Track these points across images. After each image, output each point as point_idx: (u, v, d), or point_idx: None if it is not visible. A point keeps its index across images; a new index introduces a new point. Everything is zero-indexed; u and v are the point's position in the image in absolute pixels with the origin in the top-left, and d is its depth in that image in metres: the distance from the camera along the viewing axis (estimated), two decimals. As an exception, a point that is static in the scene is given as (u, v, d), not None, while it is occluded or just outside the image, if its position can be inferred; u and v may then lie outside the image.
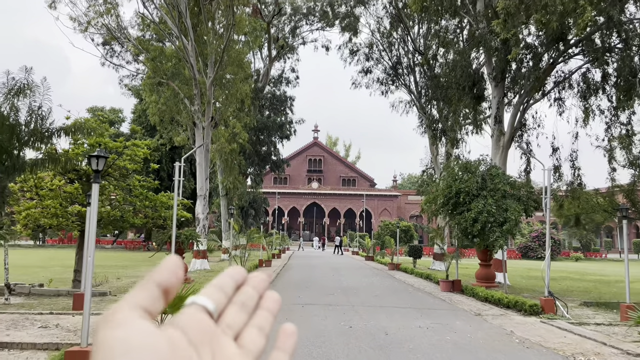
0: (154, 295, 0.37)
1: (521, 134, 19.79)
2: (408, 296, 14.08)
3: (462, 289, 15.68)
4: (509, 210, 14.07)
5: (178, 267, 0.39)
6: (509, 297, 12.45)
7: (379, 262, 30.67)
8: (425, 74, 25.63)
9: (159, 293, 0.37)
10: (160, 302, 0.37)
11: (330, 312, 10.39)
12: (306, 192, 72.07)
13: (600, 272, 30.02)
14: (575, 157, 19.34)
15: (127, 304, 0.35)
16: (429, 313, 10.82)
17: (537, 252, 45.34)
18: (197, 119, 22.73)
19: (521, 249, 46.96)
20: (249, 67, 27.94)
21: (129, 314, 0.34)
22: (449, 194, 14.96)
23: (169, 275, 0.38)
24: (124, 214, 14.49)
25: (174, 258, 0.40)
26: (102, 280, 17.51)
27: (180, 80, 23.23)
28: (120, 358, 0.31)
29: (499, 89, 19.47)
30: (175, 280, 0.38)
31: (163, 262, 0.39)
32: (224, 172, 28.82)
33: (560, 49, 18.46)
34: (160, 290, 0.37)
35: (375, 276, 21.06)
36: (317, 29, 34.99)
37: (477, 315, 11.10)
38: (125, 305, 0.35)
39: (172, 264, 0.39)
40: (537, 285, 19.79)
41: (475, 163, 16.29)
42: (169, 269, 0.39)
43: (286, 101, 34.17)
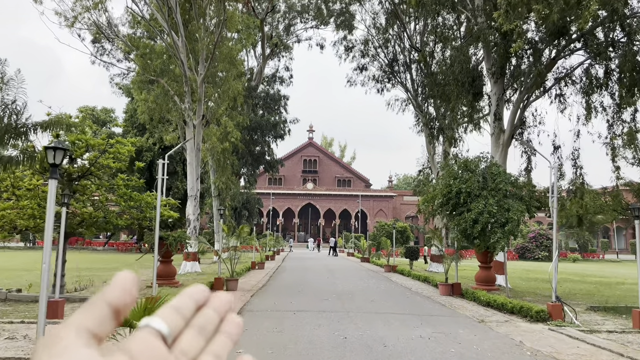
0: (103, 316, 0.34)
1: (521, 131, 19.18)
2: (406, 301, 13.41)
3: (462, 292, 15.05)
4: (511, 210, 13.44)
5: (131, 284, 0.37)
6: (513, 302, 11.81)
7: (375, 264, 30.01)
8: (422, 71, 25.01)
9: (109, 313, 0.35)
10: (110, 323, 0.35)
11: (324, 319, 9.71)
12: (301, 193, 71.35)
13: (600, 274, 29.49)
14: (577, 156, 18.75)
15: (73, 328, 0.33)
16: (430, 320, 10.15)
17: (535, 253, 44.81)
18: (187, 117, 22.00)
19: (518, 249, 46.42)
20: (241, 64, 27.24)
21: (74, 341, 0.32)
22: (448, 194, 14.32)
23: (122, 293, 0.36)
24: (107, 214, 13.75)
25: (127, 274, 0.37)
26: (86, 284, 16.75)
27: (170, 78, 22.50)
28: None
29: (498, 85, 18.87)
30: (128, 298, 0.36)
31: (115, 278, 0.36)
32: (217, 172, 28.10)
33: (562, 44, 17.88)
34: (110, 311, 0.35)
35: (371, 279, 20.39)
36: (311, 27, 34.40)
37: (481, 322, 10.45)
38: (70, 330, 0.32)
39: (124, 281, 0.36)
40: (538, 288, 19.19)
41: (475, 160, 15.66)
42: (122, 286, 0.36)
43: (280, 100, 33.48)
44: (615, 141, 17.75)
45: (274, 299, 12.43)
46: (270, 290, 14.65)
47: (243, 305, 11.62)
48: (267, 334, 8.10)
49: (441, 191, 14.63)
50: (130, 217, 14.61)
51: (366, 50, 26.54)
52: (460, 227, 13.60)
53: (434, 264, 25.04)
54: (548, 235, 45.76)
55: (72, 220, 13.64)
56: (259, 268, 24.20)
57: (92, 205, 13.98)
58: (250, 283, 16.98)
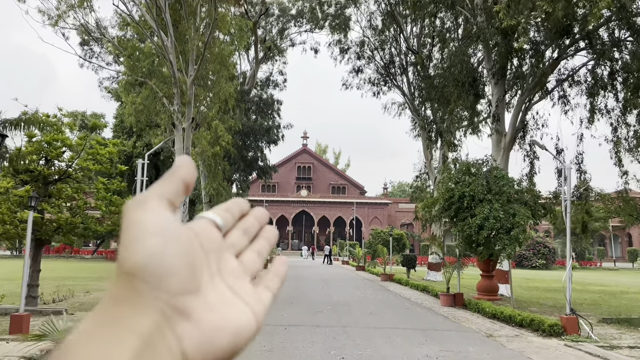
0: (178, 189, 0.38)
1: (524, 134, 18.45)
2: (407, 313, 12.51)
3: (464, 303, 14.19)
4: (518, 215, 12.62)
5: (192, 164, 0.40)
6: (522, 314, 10.95)
7: (371, 273, 29.10)
8: (419, 74, 24.28)
9: (182, 187, 0.38)
10: (182, 195, 0.39)
11: (318, 335, 8.81)
12: (295, 200, 70.35)
13: (600, 282, 28.76)
14: (581, 160, 18.04)
15: (156, 194, 0.36)
16: (435, 336, 9.27)
17: (532, 261, 44.07)
18: (176, 119, 21.11)
19: (515, 257, 45.63)
20: (233, 66, 26.43)
21: (158, 203, 0.36)
22: (450, 198, 13.49)
23: (189, 171, 0.39)
24: (86, 220, 12.81)
25: (186, 158, 0.40)
26: (66, 295, 15.75)
27: (159, 79, 21.63)
28: (151, 237, 0.33)
29: (499, 86, 18.16)
30: (193, 176, 0.40)
31: (179, 160, 0.40)
32: (207, 178, 27.16)
33: (565, 44, 17.21)
34: (183, 185, 0.39)
35: (368, 288, 19.48)
36: (305, 30, 33.68)
37: (489, 336, 9.59)
38: (153, 195, 0.36)
39: (188, 162, 0.40)
40: (541, 297, 18.40)
41: (477, 163, 14.87)
42: (188, 166, 0.40)
43: (273, 104, 32.62)
44: (619, 145, 17.08)
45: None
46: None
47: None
48: (254, 354, 7.19)
49: (443, 195, 13.80)
50: (112, 223, 13.67)
51: (362, 52, 25.80)
52: (464, 234, 12.74)
53: (432, 272, 24.19)
54: (545, 242, 45.07)
55: (48, 227, 12.69)
56: (250, 277, 23.19)
57: (70, 210, 13.05)
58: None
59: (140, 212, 0.34)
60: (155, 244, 0.33)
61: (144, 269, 0.33)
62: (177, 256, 0.34)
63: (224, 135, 22.82)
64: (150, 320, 0.32)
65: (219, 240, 0.40)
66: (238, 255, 0.43)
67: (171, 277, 0.33)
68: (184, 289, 0.34)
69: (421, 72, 23.71)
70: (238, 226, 0.44)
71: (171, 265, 0.33)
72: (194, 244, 0.37)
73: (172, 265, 0.33)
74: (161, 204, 0.36)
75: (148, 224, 0.34)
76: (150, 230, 0.34)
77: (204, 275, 0.37)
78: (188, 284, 0.34)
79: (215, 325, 0.35)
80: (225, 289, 0.39)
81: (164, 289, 0.33)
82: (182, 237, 0.35)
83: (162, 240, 0.34)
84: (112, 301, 0.33)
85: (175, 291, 0.33)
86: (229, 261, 0.41)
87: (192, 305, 0.34)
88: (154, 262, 0.33)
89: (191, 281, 0.35)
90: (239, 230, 0.44)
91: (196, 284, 0.35)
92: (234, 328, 0.36)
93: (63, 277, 23.69)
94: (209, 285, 0.37)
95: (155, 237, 0.33)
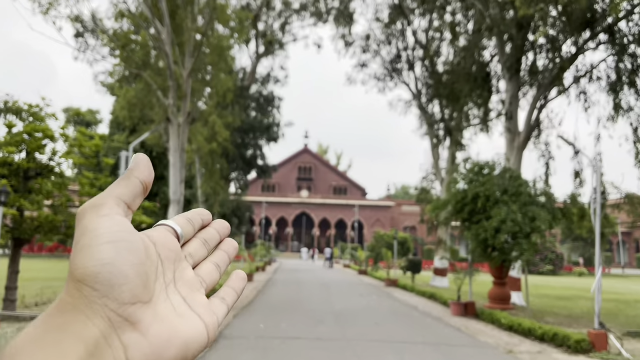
0: (136, 191, 0.37)
1: (538, 133, 17.42)
2: (415, 324, 11.46)
3: (476, 312, 13.15)
4: (538, 218, 11.58)
5: (149, 162, 0.39)
6: (543, 327, 9.90)
7: (374, 277, 28.03)
8: (427, 70, 23.24)
9: (140, 189, 0.38)
10: (140, 198, 0.38)
11: (319, 351, 7.77)
12: (295, 202, 69.29)
13: (612, 290, 27.69)
14: (599, 160, 17.00)
15: (112, 198, 0.36)
16: (450, 352, 8.23)
17: (538, 267, 42.97)
18: (171, 114, 20.11)
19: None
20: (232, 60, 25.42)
21: (115, 209, 0.35)
22: (463, 199, 12.45)
23: (147, 171, 0.39)
24: (68, 218, 11.79)
25: (143, 155, 0.39)
26: (50, 297, 14.73)
27: (154, 71, 20.63)
28: (105, 245, 0.33)
29: (512, 82, 17.15)
30: (150, 176, 0.39)
31: (135, 158, 0.39)
32: (204, 176, 26.14)
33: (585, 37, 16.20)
34: (141, 187, 0.38)
35: (372, 295, 18.43)
36: (308, 24, 32.65)
37: (509, 352, 8.56)
38: (110, 199, 0.36)
39: (145, 161, 0.39)
40: (555, 306, 17.36)
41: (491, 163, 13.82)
42: (146, 165, 0.39)
43: (274, 100, 31.60)
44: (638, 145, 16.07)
45: (260, 321, 10.48)
46: (256, 309, 12.66)
47: (221, 329, 9.67)
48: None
49: (454, 196, 12.75)
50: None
51: (367, 45, 24.74)
52: (479, 238, 11.68)
53: (437, 278, 23.15)
54: (552, 248, 44.00)
55: (28, 225, 11.69)
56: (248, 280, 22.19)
57: (52, 207, 12.04)
58: (235, 299, 14.98)
59: (94, 218, 0.34)
60: (107, 253, 0.33)
61: (94, 276, 0.32)
62: (129, 265, 0.33)
63: (221, 131, 21.82)
64: (96, 328, 0.31)
65: (176, 249, 0.40)
66: (195, 266, 0.42)
67: (122, 286, 0.33)
68: (134, 299, 0.33)
69: (429, 67, 22.69)
70: (198, 236, 0.44)
71: (122, 274, 0.33)
72: (149, 251, 0.36)
73: (123, 274, 0.33)
74: (117, 208, 0.35)
75: (101, 230, 0.33)
76: (103, 238, 0.33)
77: (158, 285, 0.36)
78: (139, 294, 0.34)
79: (164, 336, 0.34)
80: (179, 300, 0.38)
81: (113, 298, 0.32)
82: (136, 245, 0.35)
83: (115, 248, 0.33)
84: (59, 309, 0.32)
85: (124, 300, 0.33)
86: (185, 271, 0.40)
87: (142, 315, 0.34)
88: (105, 271, 0.32)
89: (142, 291, 0.34)
90: (198, 241, 0.43)
91: (147, 294, 0.35)
92: (184, 340, 0.35)
93: (53, 277, 22.69)
94: (161, 295, 0.36)
95: (108, 245, 0.33)
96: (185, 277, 0.40)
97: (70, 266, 0.33)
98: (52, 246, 45.62)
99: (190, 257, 0.42)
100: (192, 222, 0.43)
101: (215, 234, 0.45)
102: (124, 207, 0.36)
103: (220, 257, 0.44)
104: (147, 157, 0.39)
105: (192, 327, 0.36)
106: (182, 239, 0.41)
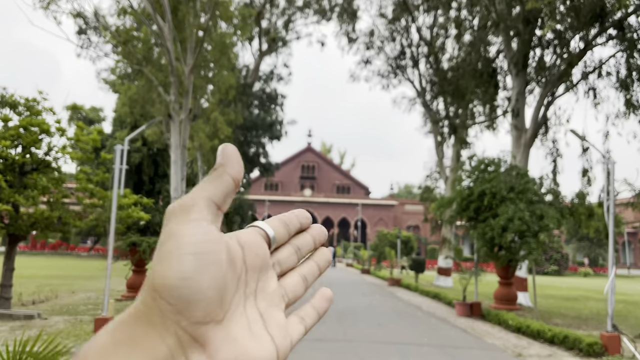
0: (227, 190, 0.34)
1: (545, 130, 17.07)
2: (419, 325, 11.15)
3: (482, 313, 12.82)
4: (546, 217, 11.24)
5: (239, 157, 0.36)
6: (553, 329, 9.57)
7: (377, 276, 27.72)
8: (431, 67, 22.90)
9: (232, 187, 0.35)
10: (231, 197, 0.35)
11: (320, 352, 7.47)
12: (298, 201, 69.02)
13: (619, 291, 27.24)
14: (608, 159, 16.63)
15: (203, 199, 0.33)
16: (456, 355, 7.92)
17: (543, 267, 42.55)
18: (172, 110, 19.84)
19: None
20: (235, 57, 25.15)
21: (204, 212, 0.33)
22: (469, 196, 12.12)
23: (237, 166, 0.35)
24: (64, 215, 11.53)
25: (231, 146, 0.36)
26: (48, 296, 14.52)
27: (155, 66, 20.38)
28: (188, 256, 0.31)
29: (519, 78, 16.80)
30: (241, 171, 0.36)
31: (224, 150, 0.35)
32: (205, 174, 25.88)
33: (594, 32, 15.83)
34: (233, 184, 0.35)
35: (374, 294, 18.12)
36: (312, 22, 32.35)
37: (517, 356, 8.24)
38: (201, 200, 0.33)
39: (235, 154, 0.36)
40: (562, 307, 17.02)
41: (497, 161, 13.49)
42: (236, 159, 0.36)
43: (277, 98, 31.31)
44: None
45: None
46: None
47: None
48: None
49: (460, 194, 12.42)
50: (95, 218, 12.39)
51: (371, 42, 24.40)
52: (486, 236, 11.35)
53: (441, 277, 22.83)
54: (557, 248, 43.56)
55: (23, 222, 11.44)
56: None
57: (48, 203, 11.78)
58: (236, 298, 14.72)
59: (182, 222, 0.32)
60: (189, 265, 0.31)
61: (172, 290, 0.30)
62: (209, 280, 0.31)
63: (223, 128, 21.54)
64: (166, 347, 0.30)
65: (264, 256, 0.37)
66: (282, 275, 0.39)
67: (197, 304, 0.31)
68: (208, 318, 0.31)
69: (434, 64, 22.34)
70: (291, 242, 0.40)
71: (201, 291, 0.31)
72: (234, 260, 0.34)
73: (202, 291, 0.31)
74: (206, 212, 0.33)
75: (187, 239, 0.31)
76: (187, 248, 0.31)
77: (236, 297, 0.34)
78: (213, 312, 0.32)
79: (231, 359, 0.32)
80: (255, 316, 0.35)
81: (187, 316, 0.31)
82: (220, 256, 0.32)
83: (198, 261, 0.31)
84: (133, 317, 0.31)
85: (197, 319, 0.31)
86: (269, 282, 0.37)
87: (212, 336, 0.32)
88: (184, 285, 0.30)
89: (218, 308, 0.32)
90: (290, 247, 0.40)
91: (222, 312, 0.33)
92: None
93: (53, 275, 22.53)
94: (238, 309, 0.34)
95: (191, 256, 0.31)
96: (267, 289, 0.37)
97: (151, 272, 0.31)
98: (55, 243, 45.51)
99: (278, 266, 0.38)
100: (288, 226, 0.39)
101: (310, 242, 0.41)
102: (214, 209, 0.33)
103: (309, 270, 0.41)
104: (235, 148, 0.35)
105: (263, 351, 0.33)
106: (274, 243, 0.38)
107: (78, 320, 10.02)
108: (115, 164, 8.47)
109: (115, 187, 8.19)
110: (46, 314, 11.13)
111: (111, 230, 8.42)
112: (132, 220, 12.16)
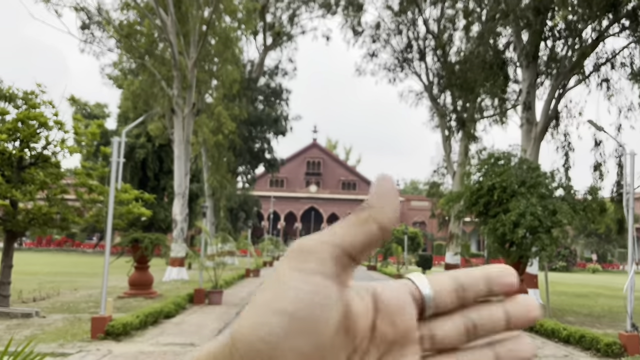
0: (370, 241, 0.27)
1: (557, 123, 16.65)
2: (428, 323, 10.81)
3: (492, 311, 12.46)
4: (560, 212, 10.85)
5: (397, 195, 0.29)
6: (569, 328, 9.21)
7: (383, 273, 27.41)
8: (439, 60, 22.48)
9: (377, 238, 0.27)
10: (371, 250, 0.28)
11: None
12: (304, 197, 68.79)
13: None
14: (620, 153, 16.20)
15: (329, 248, 0.27)
16: (468, 355, 7.58)
17: (552, 264, 42.10)
18: (176, 104, 19.58)
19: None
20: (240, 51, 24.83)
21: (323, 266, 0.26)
22: (478, 191, 11.75)
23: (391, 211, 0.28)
24: (63, 211, 11.26)
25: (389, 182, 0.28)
26: (49, 293, 14.26)
27: (158, 60, 20.09)
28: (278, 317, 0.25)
29: (530, 70, 16.37)
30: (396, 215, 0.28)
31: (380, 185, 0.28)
32: (210, 169, 25.61)
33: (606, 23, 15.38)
34: (378, 234, 0.27)
35: (381, 291, 17.80)
36: (317, 16, 32.00)
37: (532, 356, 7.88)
38: (325, 248, 0.27)
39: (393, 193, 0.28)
40: (574, 304, 16.65)
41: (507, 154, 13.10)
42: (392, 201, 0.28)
43: (282, 93, 30.98)
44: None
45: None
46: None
47: (222, 327, 9.11)
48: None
49: (469, 188, 12.06)
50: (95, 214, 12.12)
51: (377, 34, 23.99)
52: (497, 232, 10.98)
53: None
54: (565, 244, 43.09)
55: (22, 218, 11.18)
56: (254, 276, 21.68)
57: (47, 199, 11.52)
58: (240, 295, 14.47)
59: (292, 271, 0.26)
60: (277, 328, 0.25)
61: (249, 347, 0.25)
62: (299, 350, 0.25)
63: (227, 122, 21.25)
64: None
65: (405, 327, 0.27)
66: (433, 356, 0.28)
67: None
68: None
69: (441, 57, 21.92)
70: (467, 313, 0.28)
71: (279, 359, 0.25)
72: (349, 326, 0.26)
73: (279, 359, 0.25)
74: (328, 263, 0.26)
75: (287, 293, 0.25)
76: (283, 305, 0.25)
77: None
78: None
79: None
80: None
81: None
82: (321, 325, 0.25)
83: (290, 325, 0.25)
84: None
85: None
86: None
87: None
88: (264, 350, 0.25)
89: None
90: (459, 321, 0.28)
91: None
92: None
93: (56, 272, 22.37)
94: None
95: (283, 318, 0.25)
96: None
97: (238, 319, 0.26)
98: (61, 240, 45.47)
99: (430, 341, 0.27)
100: (462, 289, 0.28)
101: (500, 320, 0.28)
102: (342, 260, 0.26)
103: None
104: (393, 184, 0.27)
105: None
106: (431, 308, 0.27)
107: (77, 319, 9.76)
108: (113, 156, 8.18)
109: (113, 180, 7.89)
110: (45, 311, 10.88)
111: (108, 226, 8.13)
112: (133, 216, 11.87)
